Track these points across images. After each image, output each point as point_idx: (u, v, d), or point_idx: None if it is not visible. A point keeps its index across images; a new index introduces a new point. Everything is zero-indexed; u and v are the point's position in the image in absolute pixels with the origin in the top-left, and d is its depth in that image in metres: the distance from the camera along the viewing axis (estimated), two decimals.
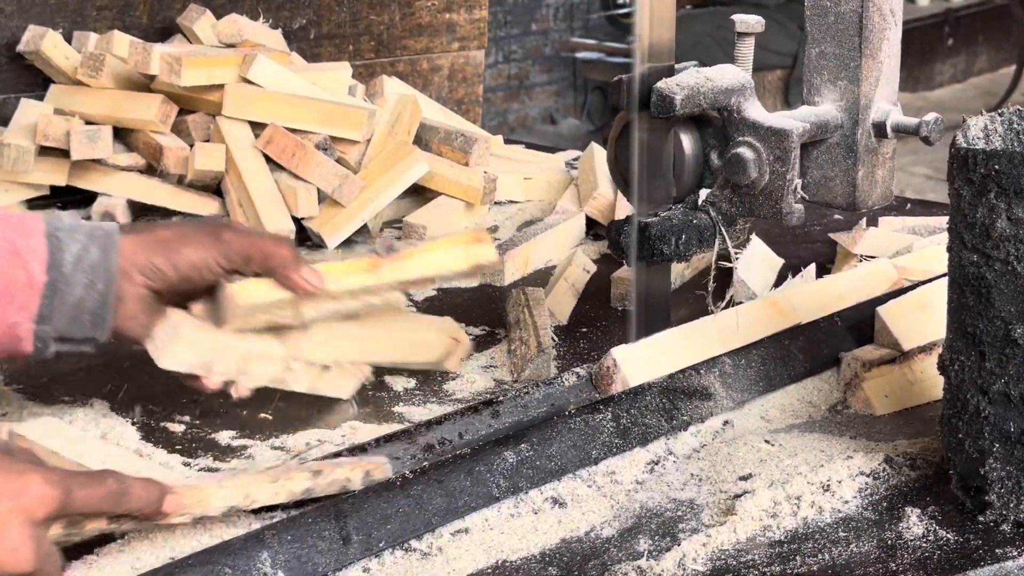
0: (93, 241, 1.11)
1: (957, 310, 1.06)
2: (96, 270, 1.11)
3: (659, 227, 1.24)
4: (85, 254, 1.11)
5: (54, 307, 1.10)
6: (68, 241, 1.11)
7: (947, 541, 1.04)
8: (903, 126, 1.31)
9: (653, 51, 1.22)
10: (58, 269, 1.09)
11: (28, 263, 1.09)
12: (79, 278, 1.11)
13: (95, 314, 1.12)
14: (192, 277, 1.15)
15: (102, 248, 1.11)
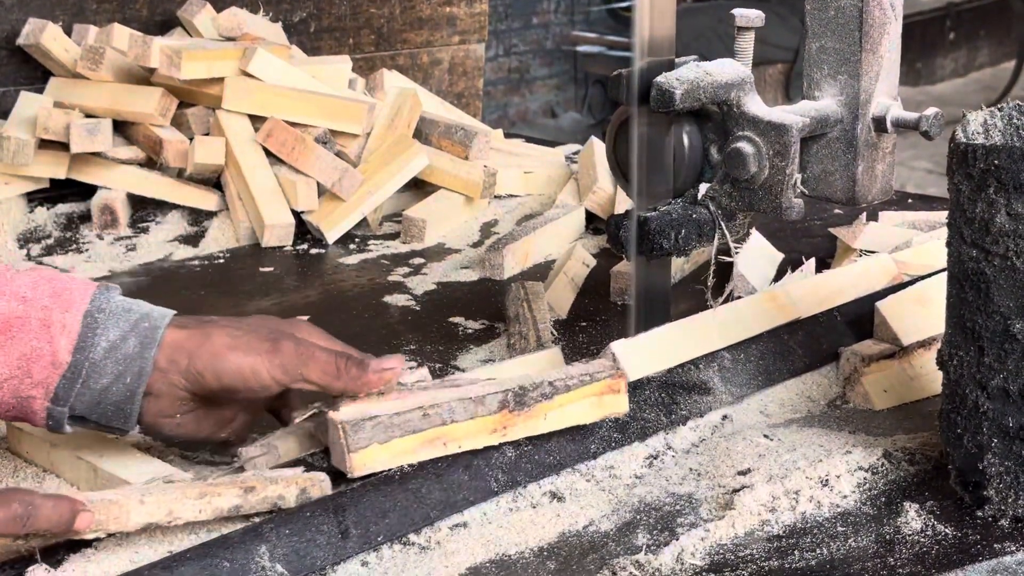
0: (134, 332, 1.04)
1: (956, 305, 1.06)
2: (129, 363, 1.04)
3: (658, 221, 1.24)
4: (122, 344, 1.04)
5: (73, 391, 1.04)
6: (107, 325, 1.03)
7: (945, 536, 1.04)
8: (903, 121, 1.31)
9: (653, 45, 1.22)
10: (86, 353, 1.03)
11: (56, 339, 1.02)
12: (109, 367, 1.03)
13: (119, 407, 1.05)
14: (238, 387, 1.06)
15: (141, 341, 1.04)
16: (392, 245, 1.90)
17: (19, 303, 1.03)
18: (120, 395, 1.04)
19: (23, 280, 1.04)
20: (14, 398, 1.04)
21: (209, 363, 1.04)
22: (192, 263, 1.84)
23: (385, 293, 1.69)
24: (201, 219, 1.98)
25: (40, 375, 1.03)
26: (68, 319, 1.03)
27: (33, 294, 1.03)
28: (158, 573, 0.92)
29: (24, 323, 1.02)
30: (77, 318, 1.03)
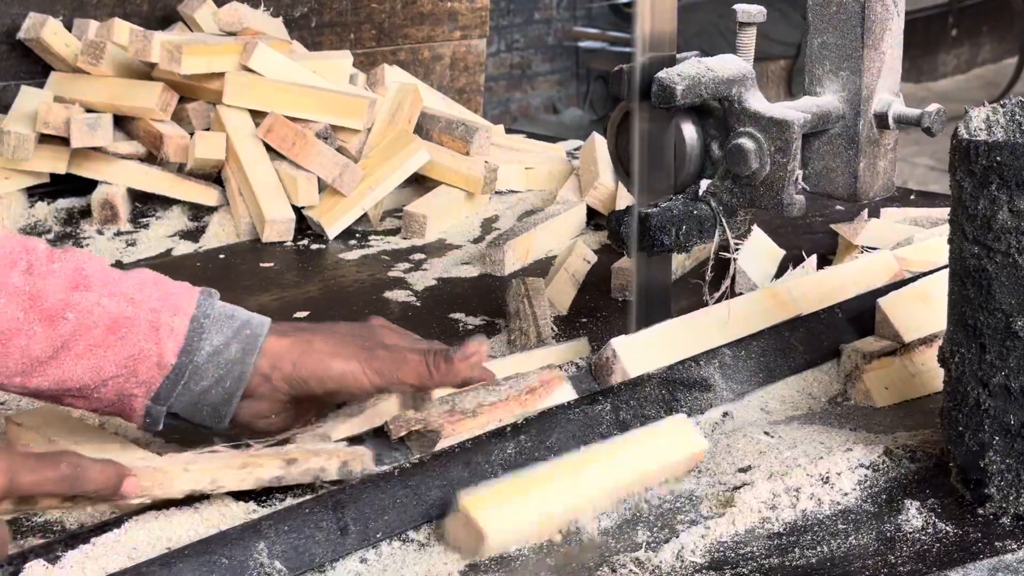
0: (236, 338, 1.08)
1: (958, 302, 1.06)
2: (230, 368, 1.08)
3: (659, 218, 1.24)
4: (224, 349, 1.08)
5: (175, 391, 1.07)
6: (212, 331, 1.08)
7: (946, 534, 1.03)
8: (905, 117, 1.30)
9: (654, 41, 1.21)
10: (190, 356, 1.06)
11: (163, 342, 1.06)
12: (210, 371, 1.08)
13: (216, 408, 1.09)
14: (339, 391, 1.12)
15: (243, 347, 1.08)
16: (393, 241, 1.90)
17: (128, 304, 1.06)
18: (218, 397, 1.08)
19: (130, 282, 1.08)
20: (116, 395, 1.07)
21: (313, 370, 1.10)
22: (192, 258, 1.84)
23: (385, 289, 1.69)
24: (201, 214, 1.97)
25: (145, 375, 1.06)
26: (176, 323, 1.06)
27: (141, 296, 1.07)
28: (156, 570, 0.92)
29: (133, 324, 1.05)
30: (184, 322, 1.07)
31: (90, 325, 1.05)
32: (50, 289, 1.05)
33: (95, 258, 1.10)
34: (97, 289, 1.06)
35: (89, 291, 1.06)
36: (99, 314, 1.05)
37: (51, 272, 1.06)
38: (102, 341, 1.05)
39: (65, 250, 1.09)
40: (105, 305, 1.06)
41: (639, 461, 1.10)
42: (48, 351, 1.05)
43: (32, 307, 1.04)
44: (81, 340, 1.05)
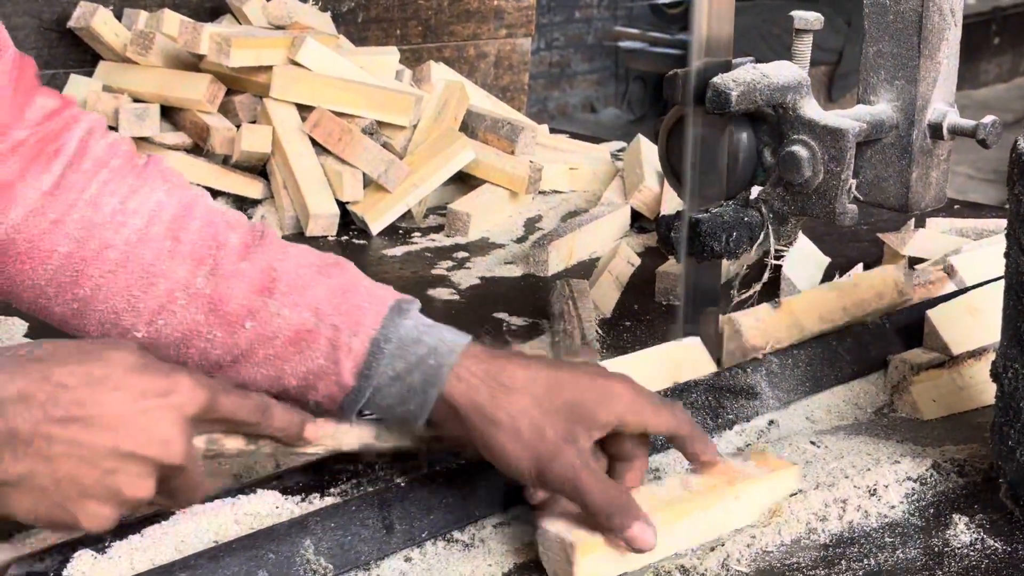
0: (419, 368, 1.02)
1: (1013, 317, 1.05)
2: (413, 395, 1.03)
3: (710, 223, 1.23)
4: (406, 376, 1.02)
5: (357, 407, 1.04)
6: (393, 356, 1.02)
7: (995, 550, 1.02)
8: (960, 128, 1.29)
9: (710, 45, 1.21)
10: (370, 380, 1.03)
11: (342, 362, 1.03)
12: (393, 393, 1.03)
13: (403, 421, 1.05)
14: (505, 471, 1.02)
15: (425, 379, 1.02)
16: (436, 238, 1.90)
17: (312, 315, 1.03)
18: (403, 415, 1.04)
19: (320, 289, 1.04)
20: (300, 401, 1.05)
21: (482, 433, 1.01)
22: None
23: (429, 286, 1.69)
24: (246, 207, 1.98)
25: (326, 390, 1.04)
26: (355, 343, 1.02)
27: (326, 307, 1.03)
28: (204, 563, 0.92)
29: (315, 338, 1.03)
30: (364, 344, 1.03)
31: (269, 336, 1.03)
32: (233, 293, 1.03)
33: (292, 254, 1.06)
34: (280, 297, 1.03)
35: (272, 298, 1.03)
36: (279, 325, 1.03)
37: (237, 273, 1.04)
38: (281, 353, 1.03)
39: (263, 242, 1.05)
40: (286, 316, 1.03)
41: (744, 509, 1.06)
42: (227, 358, 1.04)
43: (212, 311, 1.03)
44: (260, 350, 1.03)
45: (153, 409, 0.89)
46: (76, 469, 0.87)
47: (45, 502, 0.88)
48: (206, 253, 1.04)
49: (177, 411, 0.90)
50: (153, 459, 0.89)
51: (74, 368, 0.88)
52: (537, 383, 1.01)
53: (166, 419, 0.90)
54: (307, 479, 1.07)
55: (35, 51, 2.09)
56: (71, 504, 0.88)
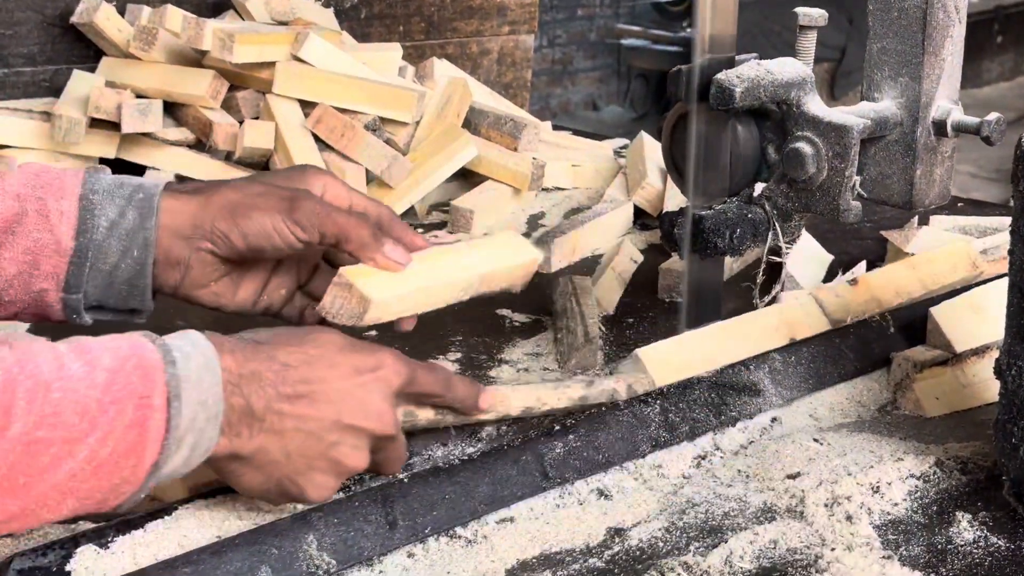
0: (131, 205, 1.03)
1: (1017, 314, 1.05)
2: (133, 237, 1.03)
3: (713, 220, 1.23)
4: (121, 220, 1.03)
5: (84, 275, 1.04)
6: (104, 204, 1.03)
7: (999, 548, 1.02)
8: (964, 125, 1.29)
9: (714, 42, 1.20)
10: (88, 235, 1.02)
11: (56, 227, 1.02)
12: (113, 245, 1.03)
13: (131, 284, 1.05)
14: (263, 246, 1.05)
15: (140, 213, 1.03)
16: (439, 235, 1.89)
17: (14, 200, 1.03)
18: (130, 271, 1.05)
19: (14, 179, 1.03)
20: (27, 295, 1.04)
21: (232, 222, 1.05)
22: None
23: None
24: None
25: (48, 266, 1.03)
26: (65, 206, 1.02)
27: (26, 190, 1.03)
28: (207, 558, 0.92)
29: (22, 218, 1.02)
30: (73, 203, 1.02)
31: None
32: None
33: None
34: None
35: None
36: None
37: None
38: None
39: None
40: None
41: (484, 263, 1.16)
42: None
43: None
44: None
45: (367, 383, 0.98)
46: (304, 442, 0.95)
47: (276, 475, 0.95)
48: None
49: (386, 384, 0.99)
50: (370, 430, 0.97)
51: (294, 349, 0.96)
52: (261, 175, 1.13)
53: (378, 392, 0.98)
54: None
55: (38, 46, 2.09)
56: (299, 476, 0.96)
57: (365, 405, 0.97)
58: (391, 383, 0.99)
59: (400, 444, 1.02)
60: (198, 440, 0.91)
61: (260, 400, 0.94)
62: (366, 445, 0.98)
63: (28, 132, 1.93)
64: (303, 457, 0.96)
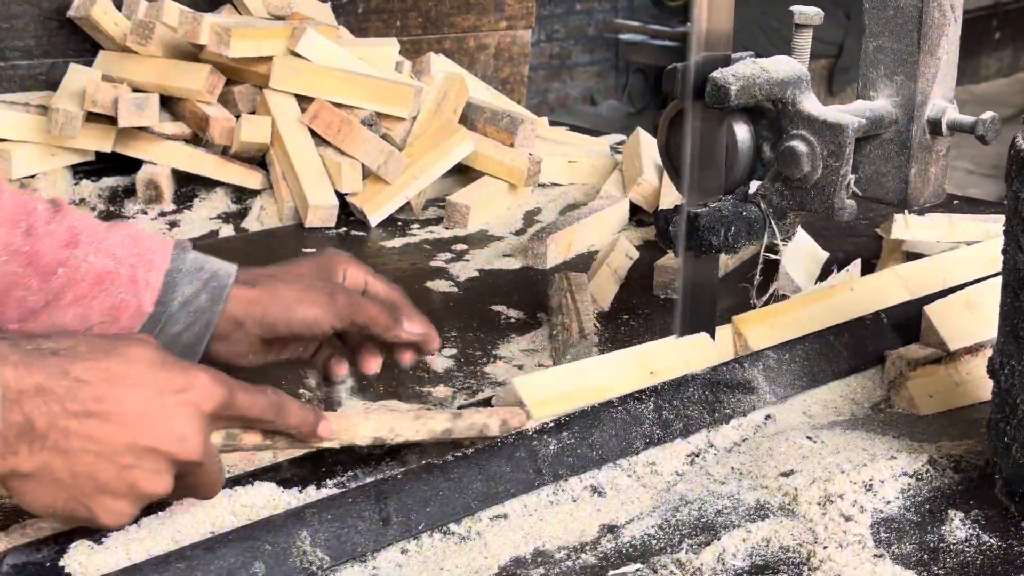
0: (206, 289, 1.17)
1: (1010, 314, 1.05)
2: (200, 315, 1.17)
3: (709, 218, 1.23)
4: (195, 299, 1.17)
5: (153, 335, 1.16)
6: (183, 283, 1.17)
7: (990, 546, 1.03)
8: (959, 124, 1.29)
9: (710, 39, 1.20)
10: (165, 306, 1.16)
11: (141, 294, 1.15)
12: (183, 318, 1.17)
13: (188, 348, 1.17)
14: (303, 334, 1.20)
15: (211, 297, 1.17)
16: (435, 230, 1.90)
17: (111, 260, 1.16)
18: (190, 339, 1.17)
19: (114, 239, 1.17)
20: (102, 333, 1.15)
21: (280, 316, 1.19)
22: (235, 241, 1.84)
23: (427, 278, 1.69)
24: (245, 197, 1.98)
25: (126, 322, 1.15)
26: (152, 278, 1.16)
27: (122, 252, 1.17)
28: (200, 554, 0.92)
29: (115, 278, 1.15)
30: (159, 278, 1.16)
31: (78, 279, 1.14)
32: (45, 248, 1.14)
33: (85, 217, 1.19)
34: (85, 246, 1.15)
35: (78, 248, 1.15)
36: (86, 269, 1.15)
37: (48, 233, 1.15)
38: (88, 292, 1.14)
39: (59, 209, 1.17)
40: (91, 261, 1.15)
41: None
42: (41, 303, 1.13)
43: (30, 264, 1.14)
44: (70, 292, 1.14)
45: (171, 406, 0.93)
46: (93, 464, 0.90)
47: (63, 496, 0.90)
48: (20, 218, 1.15)
49: (195, 407, 0.94)
50: (170, 455, 0.92)
51: (93, 364, 0.91)
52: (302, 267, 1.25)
53: (183, 415, 0.93)
54: (304, 471, 1.07)
55: (34, 40, 2.09)
56: (88, 499, 0.91)
57: (166, 428, 0.92)
58: (201, 406, 0.95)
59: (209, 470, 0.96)
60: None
61: (43, 417, 0.89)
62: (167, 469, 0.93)
63: (24, 126, 1.94)
64: (92, 479, 0.91)
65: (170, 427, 0.92)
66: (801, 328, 1.32)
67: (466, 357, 1.43)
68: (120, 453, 0.91)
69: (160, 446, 0.92)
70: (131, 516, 0.93)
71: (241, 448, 1.02)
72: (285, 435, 1.03)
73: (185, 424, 0.93)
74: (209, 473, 0.97)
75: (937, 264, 1.50)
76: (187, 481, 0.96)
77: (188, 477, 0.95)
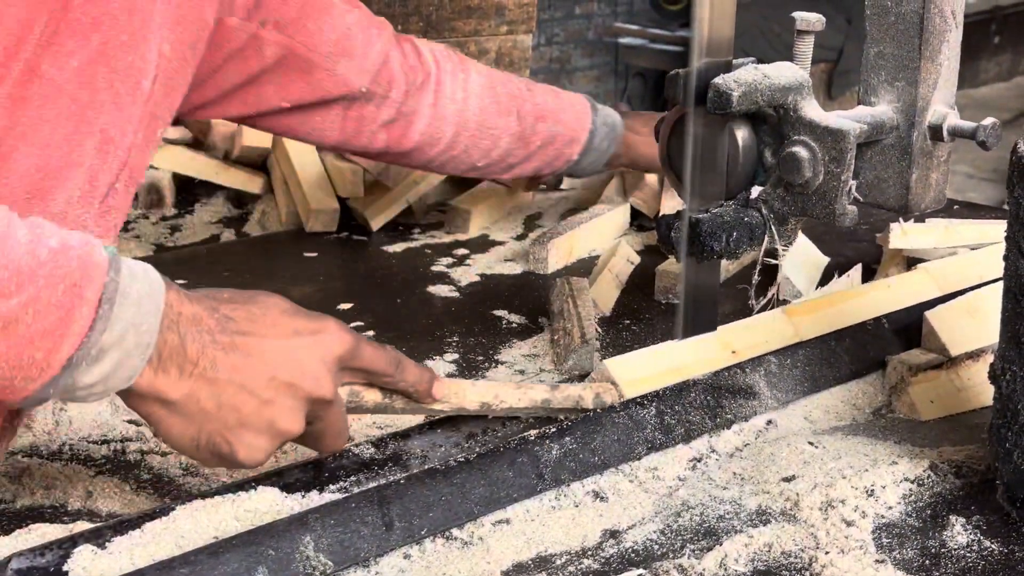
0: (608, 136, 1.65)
1: (1011, 319, 1.05)
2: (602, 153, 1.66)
3: (710, 223, 1.23)
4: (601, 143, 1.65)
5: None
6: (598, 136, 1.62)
7: (992, 552, 1.03)
8: (960, 130, 1.29)
9: (712, 45, 1.21)
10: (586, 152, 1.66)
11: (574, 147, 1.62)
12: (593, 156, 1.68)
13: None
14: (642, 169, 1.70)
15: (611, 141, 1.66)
16: (436, 235, 1.90)
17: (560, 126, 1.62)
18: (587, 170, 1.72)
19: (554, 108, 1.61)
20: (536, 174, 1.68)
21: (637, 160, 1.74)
22: (236, 246, 1.85)
23: (428, 283, 1.69)
24: (246, 202, 1.98)
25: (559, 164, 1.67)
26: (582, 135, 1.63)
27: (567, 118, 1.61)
28: (204, 558, 0.93)
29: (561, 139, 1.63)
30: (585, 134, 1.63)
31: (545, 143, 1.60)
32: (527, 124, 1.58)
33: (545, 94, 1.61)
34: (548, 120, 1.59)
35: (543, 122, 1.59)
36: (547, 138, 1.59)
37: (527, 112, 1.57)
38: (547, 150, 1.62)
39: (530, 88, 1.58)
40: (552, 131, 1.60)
41: None
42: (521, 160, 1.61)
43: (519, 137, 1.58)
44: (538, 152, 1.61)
45: (306, 346, 0.99)
46: (237, 395, 0.95)
47: (207, 428, 0.95)
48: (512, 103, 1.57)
49: (327, 349, 1.00)
50: (305, 391, 0.98)
51: (238, 305, 0.98)
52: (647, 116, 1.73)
53: (317, 356, 0.99)
54: (307, 476, 1.07)
55: None
56: (230, 432, 0.96)
57: (302, 365, 0.98)
58: (332, 349, 1.00)
59: (338, 414, 1.02)
60: (121, 361, 0.90)
61: (195, 343, 0.93)
62: (301, 407, 0.98)
63: None
64: (235, 411, 0.95)
65: (305, 365, 0.98)
66: (853, 317, 1.36)
67: (467, 362, 1.43)
68: (261, 387, 0.96)
69: (297, 381, 0.97)
70: (267, 454, 0.98)
71: (363, 406, 1.06)
72: (402, 394, 1.07)
73: (319, 364, 0.99)
74: (337, 421, 1.02)
75: (971, 260, 1.53)
76: (315, 428, 1.01)
77: (317, 423, 1.01)
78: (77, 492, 1.13)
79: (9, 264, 0.85)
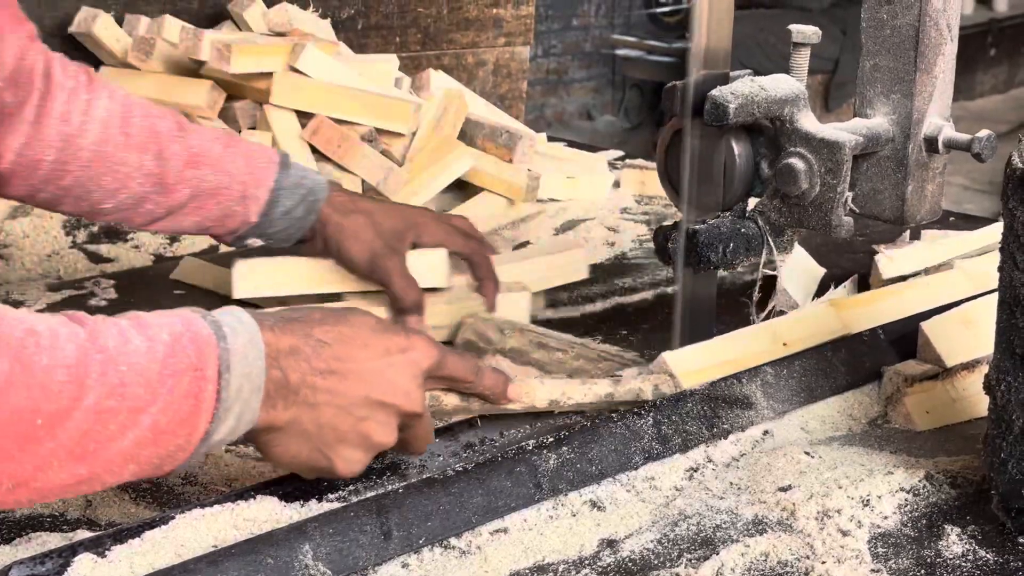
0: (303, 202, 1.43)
1: (1006, 330, 1.06)
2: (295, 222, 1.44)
3: (707, 234, 1.24)
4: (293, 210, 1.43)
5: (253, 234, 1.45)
6: (284, 198, 1.42)
7: (987, 561, 1.03)
8: (955, 142, 1.30)
9: (709, 58, 1.22)
10: (268, 216, 1.42)
11: (250, 207, 1.41)
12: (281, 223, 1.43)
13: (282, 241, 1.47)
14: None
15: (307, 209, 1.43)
16: None
17: (226, 176, 1.40)
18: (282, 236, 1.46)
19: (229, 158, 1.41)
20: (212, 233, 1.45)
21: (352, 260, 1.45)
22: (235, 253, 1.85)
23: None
24: None
25: (233, 225, 1.43)
26: (260, 193, 1.41)
27: (235, 169, 1.41)
28: (203, 567, 0.93)
29: (229, 193, 1.40)
30: (265, 194, 1.41)
31: (197, 194, 1.40)
32: (171, 170, 1.38)
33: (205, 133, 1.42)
34: (204, 167, 1.39)
35: (199, 169, 1.39)
36: (204, 186, 1.39)
37: (173, 155, 1.39)
38: (205, 204, 1.40)
39: (183, 129, 1.40)
40: (209, 179, 1.39)
41: None
42: (164, 213, 1.40)
43: (159, 183, 1.38)
44: (191, 204, 1.40)
45: (397, 364, 1.04)
46: (335, 416, 1.01)
47: (308, 447, 1.02)
48: (150, 142, 1.38)
49: (416, 365, 1.06)
50: (398, 407, 1.04)
51: (329, 328, 1.03)
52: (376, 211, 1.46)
53: (408, 373, 1.05)
54: (305, 485, 1.08)
55: None
56: (329, 449, 1.02)
57: (393, 383, 1.03)
58: (420, 364, 1.06)
59: (426, 422, 1.08)
60: (243, 410, 0.97)
61: (296, 373, 1.00)
62: (394, 422, 1.04)
63: None
64: (333, 430, 1.01)
65: (397, 383, 1.03)
66: (899, 313, 1.39)
67: None
68: (356, 406, 1.02)
69: (389, 399, 1.03)
70: (364, 465, 1.04)
71: (443, 409, 1.14)
72: (479, 397, 1.14)
73: (409, 380, 1.04)
74: (424, 426, 1.08)
75: None
76: (405, 435, 1.06)
77: (407, 431, 1.06)
78: (77, 501, 1.14)
79: (139, 378, 0.92)
